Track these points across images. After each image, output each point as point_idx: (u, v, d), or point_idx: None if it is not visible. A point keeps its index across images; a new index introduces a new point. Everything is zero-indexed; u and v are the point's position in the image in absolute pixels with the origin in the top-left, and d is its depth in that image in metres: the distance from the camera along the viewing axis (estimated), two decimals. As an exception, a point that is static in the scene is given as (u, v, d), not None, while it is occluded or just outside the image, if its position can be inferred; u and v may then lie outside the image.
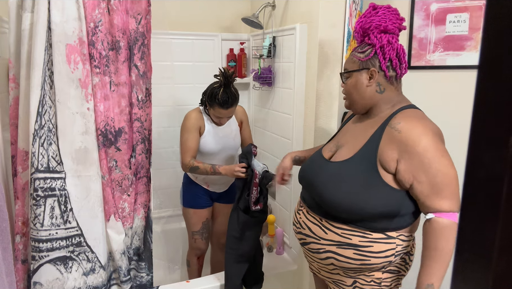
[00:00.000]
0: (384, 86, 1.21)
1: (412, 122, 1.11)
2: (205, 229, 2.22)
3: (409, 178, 1.10)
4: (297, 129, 2.07)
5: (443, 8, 1.73)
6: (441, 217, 1.06)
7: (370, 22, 1.20)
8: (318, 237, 1.24)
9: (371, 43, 1.20)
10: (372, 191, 1.13)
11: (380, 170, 1.13)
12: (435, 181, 1.07)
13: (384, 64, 1.18)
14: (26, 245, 1.65)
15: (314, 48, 1.88)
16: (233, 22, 2.71)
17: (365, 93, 1.22)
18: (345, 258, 1.18)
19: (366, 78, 1.21)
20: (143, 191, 1.86)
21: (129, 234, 1.83)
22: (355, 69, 1.23)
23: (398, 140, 1.11)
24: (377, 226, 1.15)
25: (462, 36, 1.70)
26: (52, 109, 1.55)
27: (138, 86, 1.74)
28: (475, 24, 1.67)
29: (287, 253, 2.33)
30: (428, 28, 1.78)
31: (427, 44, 1.79)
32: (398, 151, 1.11)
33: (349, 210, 1.15)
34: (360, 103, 1.25)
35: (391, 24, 1.20)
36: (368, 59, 1.20)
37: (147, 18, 1.71)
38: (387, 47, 1.18)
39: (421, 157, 1.07)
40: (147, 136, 1.82)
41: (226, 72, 1.84)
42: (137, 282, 1.91)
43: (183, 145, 1.97)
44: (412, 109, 1.20)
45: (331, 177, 1.22)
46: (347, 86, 1.26)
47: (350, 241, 1.17)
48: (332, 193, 1.18)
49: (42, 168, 1.55)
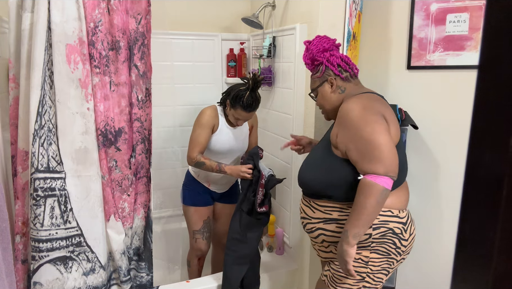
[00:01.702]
0: (344, 86, 1.44)
1: (349, 103, 1.32)
2: (206, 228, 2.21)
3: (343, 147, 1.30)
4: (297, 129, 2.07)
5: (443, 8, 1.73)
6: (365, 177, 1.22)
7: (311, 51, 1.48)
8: (310, 217, 1.44)
9: (319, 62, 1.47)
10: (327, 165, 1.36)
11: (332, 147, 1.36)
12: (360, 148, 1.24)
13: (336, 70, 1.44)
14: (26, 245, 1.65)
15: (314, 48, 1.88)
16: (233, 22, 2.71)
17: (332, 99, 1.46)
18: (330, 232, 1.38)
19: (328, 87, 1.46)
20: (143, 191, 1.86)
21: (129, 234, 1.83)
22: (318, 85, 1.49)
23: (338, 118, 1.35)
24: (348, 197, 1.30)
25: (462, 36, 1.70)
26: (52, 109, 1.55)
27: (138, 86, 1.74)
28: (475, 24, 1.67)
29: (287, 253, 2.33)
30: (428, 28, 1.78)
31: (427, 44, 1.79)
32: (337, 127, 1.34)
33: (316, 185, 1.38)
34: (332, 110, 1.47)
35: (326, 44, 1.48)
36: (323, 73, 1.46)
37: (147, 18, 1.71)
38: (331, 58, 1.45)
39: (348, 127, 1.28)
40: (147, 136, 1.82)
41: (256, 77, 1.88)
42: (137, 282, 1.91)
43: (194, 139, 1.98)
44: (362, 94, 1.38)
45: (304, 163, 1.49)
46: (318, 101, 1.51)
47: (331, 216, 1.37)
48: (303, 175, 1.46)
49: (42, 168, 1.55)
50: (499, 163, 0.29)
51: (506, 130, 0.28)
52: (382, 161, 1.20)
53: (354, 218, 1.23)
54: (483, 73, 0.30)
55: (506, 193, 0.28)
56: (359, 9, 1.98)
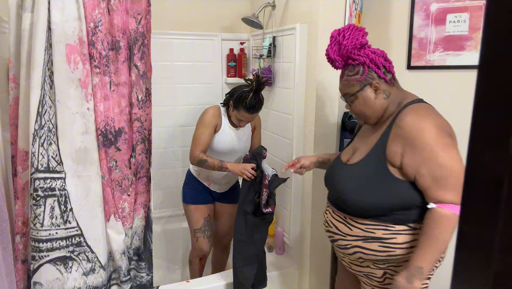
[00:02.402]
0: (388, 90, 1.28)
1: (415, 118, 1.17)
2: (207, 226, 2.21)
3: (412, 171, 1.16)
4: (297, 129, 2.07)
5: (443, 8, 1.73)
6: (440, 207, 1.11)
7: (344, 47, 1.28)
8: (344, 234, 1.31)
9: (359, 62, 1.27)
10: (383, 186, 1.21)
11: (389, 166, 1.20)
12: (435, 174, 1.12)
13: (380, 72, 1.26)
14: (26, 245, 1.65)
15: (314, 48, 1.88)
16: (233, 22, 2.71)
17: (376, 105, 1.28)
18: (371, 251, 1.25)
19: (371, 92, 1.28)
20: (143, 191, 1.86)
21: (129, 234, 1.83)
22: (358, 90, 1.29)
23: (402, 136, 1.17)
24: (399, 218, 1.21)
25: (462, 36, 1.70)
26: (52, 109, 1.55)
27: (138, 86, 1.74)
28: (475, 24, 1.67)
29: (287, 253, 2.33)
30: (428, 28, 1.78)
31: (427, 44, 1.79)
32: (401, 146, 1.17)
33: (365, 206, 1.24)
34: (373, 116, 1.31)
35: (362, 38, 1.28)
36: (365, 76, 1.27)
37: (147, 18, 1.71)
38: (375, 58, 1.26)
39: (421, 150, 1.13)
40: (147, 136, 1.82)
41: (259, 79, 1.89)
42: (137, 282, 1.91)
43: (197, 138, 1.98)
44: (418, 104, 1.25)
45: (347, 178, 1.31)
46: (356, 107, 1.32)
47: (374, 234, 1.24)
48: (348, 193, 1.28)
49: (42, 168, 1.55)
50: (499, 163, 0.29)
51: (506, 130, 0.28)
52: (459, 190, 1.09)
53: (430, 254, 1.12)
54: (483, 73, 0.30)
55: (506, 193, 0.28)
56: (359, 9, 1.98)
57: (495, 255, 0.30)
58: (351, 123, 1.90)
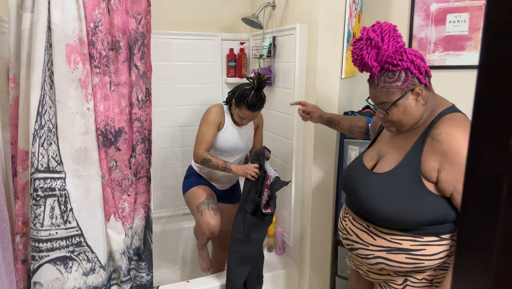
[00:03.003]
0: (427, 96, 1.18)
1: (453, 132, 1.10)
2: (211, 200, 2.05)
3: (449, 188, 1.09)
4: (297, 129, 2.07)
5: (443, 8, 1.73)
6: None
7: (385, 52, 1.15)
8: (367, 243, 1.22)
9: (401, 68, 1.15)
10: (417, 201, 1.13)
11: (423, 180, 1.13)
12: None
13: (422, 78, 1.15)
14: (26, 245, 1.65)
15: (314, 48, 1.88)
16: (233, 22, 2.71)
17: (416, 112, 1.18)
18: (397, 263, 1.17)
19: (412, 99, 1.16)
20: (143, 191, 1.86)
21: (129, 234, 1.83)
22: (399, 98, 1.16)
23: (440, 151, 1.10)
24: (429, 231, 1.14)
25: (462, 36, 1.70)
26: (52, 109, 1.55)
27: (138, 86, 1.74)
28: (475, 24, 1.67)
29: (287, 253, 2.33)
30: (428, 28, 1.78)
31: (427, 44, 1.79)
32: (439, 162, 1.10)
33: (395, 221, 1.15)
34: (410, 124, 1.21)
35: (399, 38, 1.17)
36: (408, 83, 1.15)
37: (147, 18, 1.71)
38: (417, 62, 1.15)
39: (461, 168, 1.06)
40: (147, 136, 1.82)
41: (261, 77, 1.89)
42: (137, 282, 1.91)
43: (201, 136, 1.98)
44: (454, 114, 1.17)
45: (375, 189, 1.20)
46: (394, 115, 1.20)
47: (400, 246, 1.16)
48: (377, 205, 1.17)
49: (42, 168, 1.55)
50: (499, 163, 0.29)
51: (506, 130, 0.28)
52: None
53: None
54: (483, 73, 0.30)
55: (506, 193, 0.28)
56: (359, 9, 1.98)
57: (495, 255, 0.30)
58: (351, 123, 1.89)
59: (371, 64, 1.16)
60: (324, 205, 2.02)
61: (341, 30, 1.85)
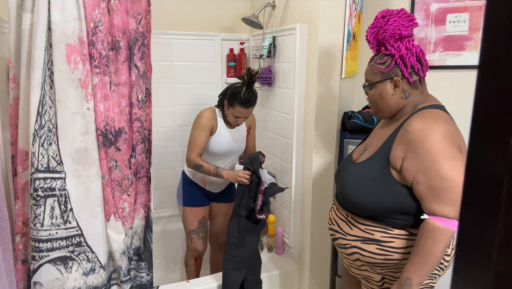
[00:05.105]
0: (409, 91, 1.22)
1: (422, 123, 1.12)
2: (202, 228, 2.21)
3: (410, 177, 1.12)
4: (297, 129, 2.07)
5: (443, 8, 1.73)
6: (434, 219, 1.08)
7: (383, 32, 1.20)
8: (345, 233, 1.30)
9: (389, 54, 1.20)
10: (383, 188, 1.18)
11: (391, 168, 1.17)
12: (433, 184, 1.08)
13: (406, 72, 1.19)
14: (26, 245, 1.65)
15: (314, 48, 1.88)
16: (233, 22, 2.71)
17: (391, 101, 1.23)
18: (369, 253, 1.23)
19: (390, 87, 1.22)
20: (143, 191, 1.86)
21: (129, 234, 1.83)
22: (378, 81, 1.23)
23: (406, 140, 1.14)
24: (398, 223, 1.18)
25: (462, 36, 1.70)
26: (52, 109, 1.55)
27: (138, 86, 1.74)
28: (475, 24, 1.67)
29: (287, 253, 2.33)
30: (428, 28, 1.78)
31: (427, 44, 1.79)
32: (404, 151, 1.14)
33: (364, 206, 1.22)
34: (386, 111, 1.27)
35: (405, 29, 1.18)
36: (389, 69, 1.20)
37: (147, 18, 1.71)
38: (406, 56, 1.17)
39: (422, 158, 1.09)
40: (147, 136, 1.82)
41: (250, 72, 1.90)
42: (137, 282, 1.91)
43: (193, 141, 1.98)
44: (431, 109, 1.19)
45: (351, 176, 1.29)
46: (372, 96, 1.28)
47: (372, 236, 1.22)
48: (350, 191, 1.26)
49: (42, 168, 1.55)
50: (499, 163, 0.29)
51: (506, 130, 0.28)
52: (456, 204, 1.06)
53: (420, 266, 1.09)
54: (483, 73, 0.30)
55: (506, 193, 0.28)
56: (359, 9, 1.98)
57: (495, 255, 0.30)
58: (351, 123, 1.90)
59: (368, 39, 1.25)
60: (324, 205, 2.02)
61: (341, 30, 1.85)
